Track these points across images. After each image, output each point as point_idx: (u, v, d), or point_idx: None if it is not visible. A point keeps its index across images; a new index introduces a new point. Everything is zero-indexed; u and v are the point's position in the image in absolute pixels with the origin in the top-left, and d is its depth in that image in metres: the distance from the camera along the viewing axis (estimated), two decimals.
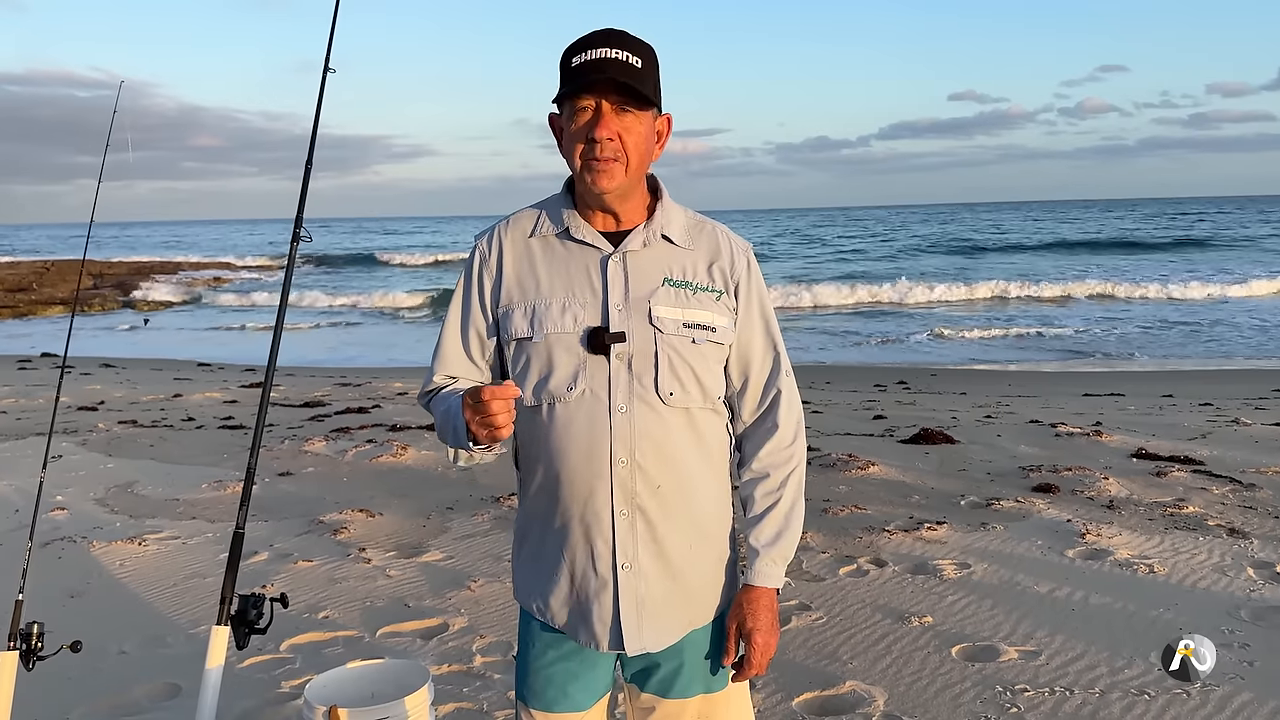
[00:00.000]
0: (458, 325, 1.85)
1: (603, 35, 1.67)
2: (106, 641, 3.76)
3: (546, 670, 1.83)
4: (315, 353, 17.80)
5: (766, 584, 1.79)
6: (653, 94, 1.69)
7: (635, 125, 1.68)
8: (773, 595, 1.81)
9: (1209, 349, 16.65)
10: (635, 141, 1.68)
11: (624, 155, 1.67)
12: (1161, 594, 4.09)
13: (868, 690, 3.31)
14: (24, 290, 30.01)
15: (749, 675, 1.80)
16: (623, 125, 1.66)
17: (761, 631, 1.78)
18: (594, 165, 1.67)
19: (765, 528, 1.81)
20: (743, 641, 1.80)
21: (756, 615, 1.78)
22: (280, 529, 5.27)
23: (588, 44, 1.66)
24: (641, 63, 1.66)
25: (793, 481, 1.83)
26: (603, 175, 1.67)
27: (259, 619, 2.20)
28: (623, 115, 1.66)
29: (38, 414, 9.23)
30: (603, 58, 1.64)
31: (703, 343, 1.74)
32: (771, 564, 1.79)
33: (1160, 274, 29.66)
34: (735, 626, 1.80)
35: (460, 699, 3.31)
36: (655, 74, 1.71)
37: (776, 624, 1.81)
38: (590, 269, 1.74)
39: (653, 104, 1.70)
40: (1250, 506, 5.35)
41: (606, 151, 1.65)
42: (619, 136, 1.66)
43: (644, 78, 1.66)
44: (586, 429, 1.70)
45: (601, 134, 1.64)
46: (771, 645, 1.79)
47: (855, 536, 4.94)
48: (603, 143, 1.65)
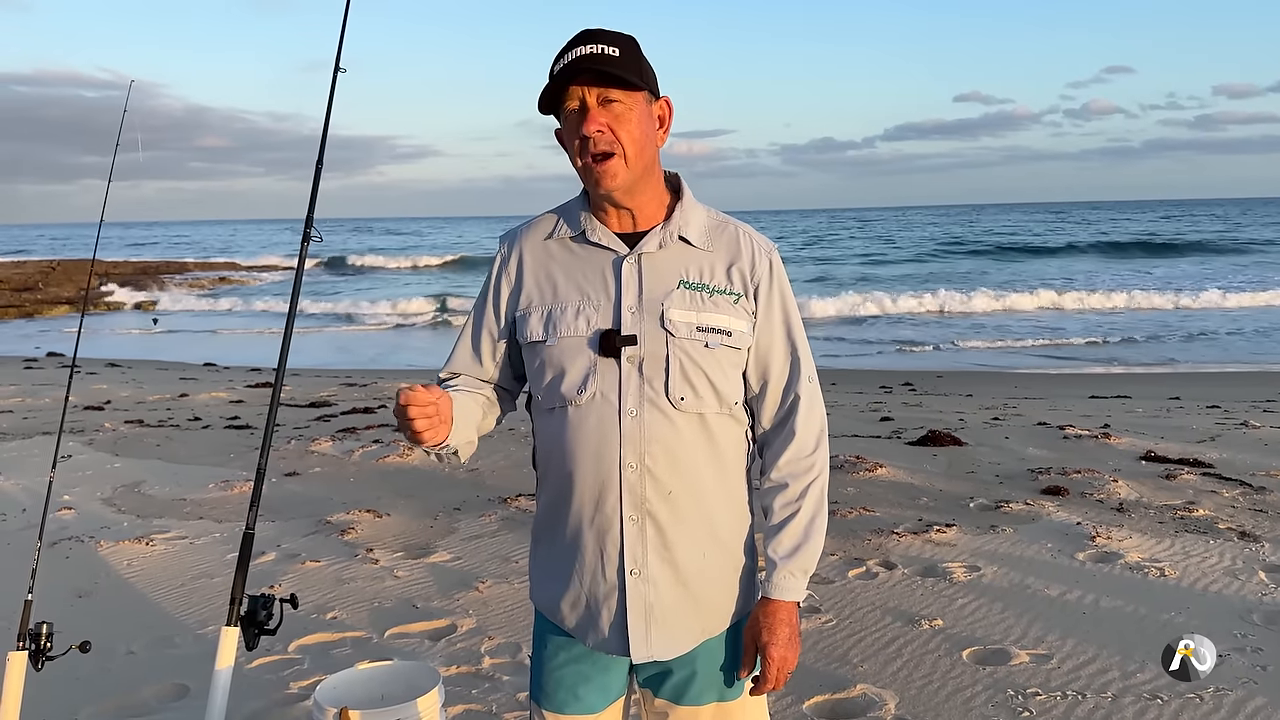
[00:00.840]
0: (471, 325, 1.87)
1: (577, 36, 1.65)
2: (115, 642, 3.76)
3: (558, 672, 1.82)
4: (318, 354, 17.81)
5: (784, 597, 1.74)
6: (636, 76, 1.65)
7: (625, 113, 1.64)
8: (791, 609, 1.75)
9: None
10: (629, 129, 1.64)
11: (619, 145, 1.64)
12: (1173, 598, 4.07)
13: (878, 693, 3.29)
14: (30, 290, 30.08)
15: (765, 690, 1.76)
16: (611, 116, 1.63)
17: (778, 646, 1.73)
18: (593, 166, 1.65)
19: (784, 539, 1.76)
20: (759, 655, 1.75)
21: (774, 629, 1.74)
22: (287, 529, 5.27)
23: (564, 50, 1.65)
24: (619, 51, 1.63)
25: (813, 491, 1.77)
26: (604, 174, 1.65)
27: (268, 620, 2.19)
28: (609, 106, 1.63)
29: (44, 413, 9.24)
30: (577, 55, 1.62)
31: (717, 347, 1.70)
32: (789, 576, 1.74)
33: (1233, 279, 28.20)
34: (752, 639, 1.76)
35: (469, 700, 3.30)
36: (637, 59, 1.67)
37: (796, 638, 1.76)
38: (605, 271, 1.72)
39: (640, 86, 1.66)
40: (1261, 510, 5.32)
41: (600, 145, 1.63)
42: (609, 128, 1.63)
43: (623, 64, 1.63)
44: (596, 432, 1.68)
45: (590, 128, 1.62)
46: (790, 660, 1.75)
47: (864, 539, 4.92)
48: (594, 137, 1.62)
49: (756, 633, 1.75)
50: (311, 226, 2.33)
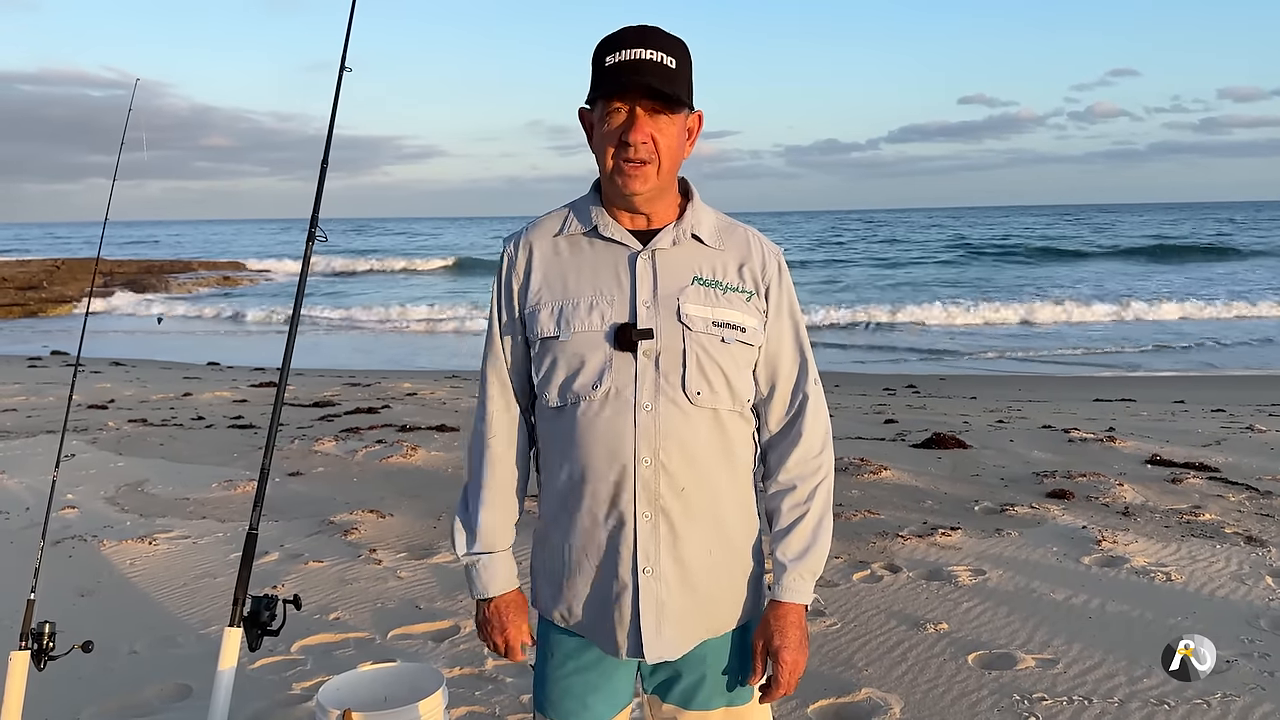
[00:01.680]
0: (497, 335, 1.82)
1: (638, 34, 1.64)
2: (117, 641, 3.75)
3: (565, 681, 1.80)
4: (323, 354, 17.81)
5: (794, 599, 1.74)
6: (686, 95, 1.66)
7: (669, 127, 1.66)
8: (801, 612, 1.75)
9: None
10: (668, 143, 1.66)
11: (656, 157, 1.65)
12: (1179, 602, 4.05)
13: (883, 698, 3.27)
14: (34, 288, 30.12)
15: (778, 696, 1.74)
16: (656, 128, 1.64)
17: (789, 649, 1.72)
18: (625, 168, 1.65)
19: (792, 541, 1.75)
20: (770, 660, 1.74)
21: (785, 633, 1.72)
22: (290, 529, 5.26)
23: (622, 42, 1.63)
24: (676, 63, 1.64)
25: (821, 493, 1.78)
26: (635, 179, 1.65)
27: (271, 620, 2.18)
28: (656, 118, 1.64)
29: (48, 412, 9.25)
30: (638, 59, 1.61)
31: (732, 342, 1.71)
32: (799, 579, 1.74)
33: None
34: (762, 644, 1.74)
35: (472, 702, 3.29)
36: (689, 73, 1.68)
37: (805, 642, 1.75)
38: (619, 267, 1.72)
39: (686, 106, 1.67)
40: (1267, 514, 5.30)
41: (640, 154, 1.64)
42: (652, 139, 1.64)
43: (678, 79, 1.64)
44: (611, 427, 1.67)
45: (636, 138, 1.63)
46: (800, 664, 1.73)
47: (869, 542, 4.90)
48: (636, 146, 1.63)
49: (768, 637, 1.74)
50: (316, 226, 2.33)
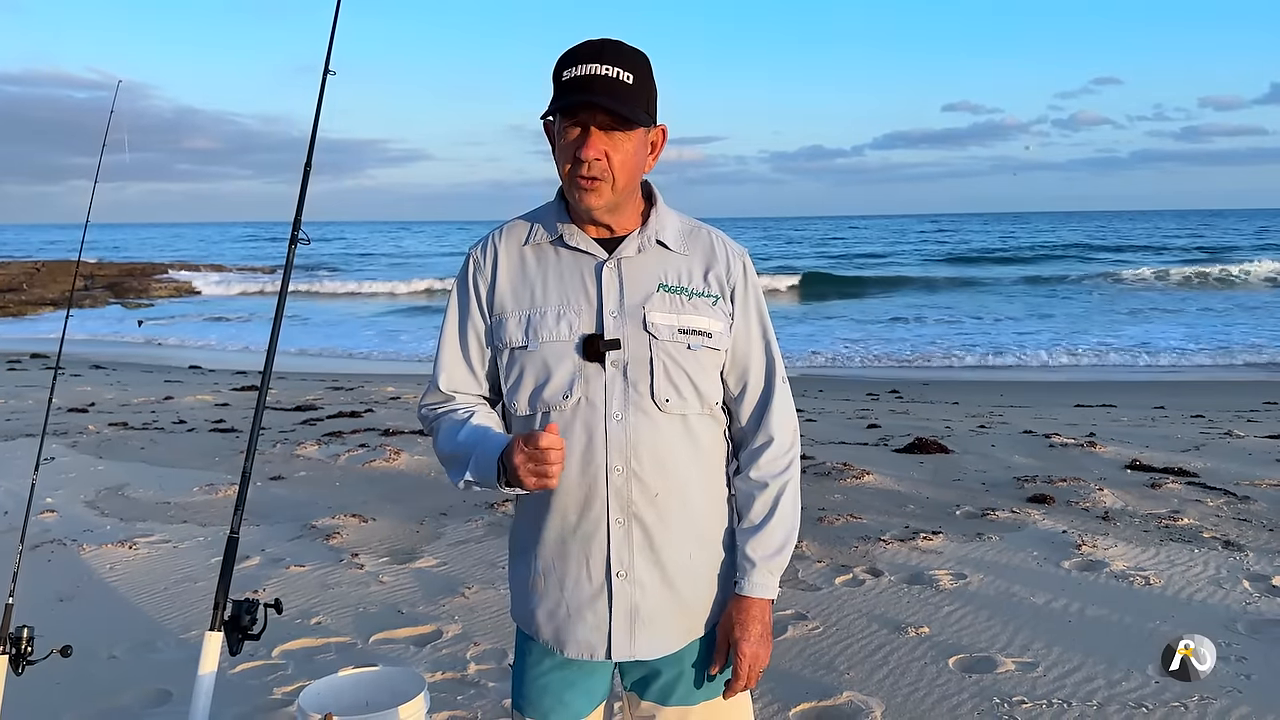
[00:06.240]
0: (456, 335, 1.81)
1: (594, 49, 1.63)
2: (96, 646, 3.72)
3: (543, 679, 1.81)
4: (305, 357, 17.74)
5: (761, 595, 1.76)
6: (644, 110, 1.65)
7: (624, 143, 1.65)
8: (766, 606, 1.77)
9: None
10: (622, 160, 1.65)
11: (610, 174, 1.65)
12: (1158, 606, 4.08)
13: (865, 701, 3.29)
14: (14, 291, 29.87)
15: (737, 689, 1.77)
16: (610, 145, 1.64)
17: (750, 643, 1.74)
18: (580, 183, 1.65)
19: (763, 539, 1.77)
20: (731, 652, 1.76)
21: (746, 626, 1.75)
22: (272, 534, 5.23)
23: (578, 58, 1.62)
24: (634, 78, 1.63)
25: (789, 491, 1.80)
26: (589, 193, 1.66)
27: (252, 625, 2.17)
28: (611, 135, 1.64)
29: (27, 415, 9.16)
30: (592, 74, 1.60)
31: (699, 349, 1.72)
32: (768, 574, 1.77)
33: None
34: (725, 637, 1.77)
35: (454, 707, 3.28)
36: (648, 87, 1.67)
37: (768, 635, 1.78)
38: (585, 276, 1.72)
39: (644, 124, 1.66)
40: (1245, 519, 5.34)
41: (593, 170, 1.64)
42: (606, 156, 1.64)
43: (635, 94, 1.63)
44: (581, 438, 1.68)
45: (589, 154, 1.63)
46: (761, 657, 1.76)
47: (851, 546, 4.92)
48: (590, 163, 1.63)
49: (729, 629, 1.77)
50: (299, 229, 2.32)
